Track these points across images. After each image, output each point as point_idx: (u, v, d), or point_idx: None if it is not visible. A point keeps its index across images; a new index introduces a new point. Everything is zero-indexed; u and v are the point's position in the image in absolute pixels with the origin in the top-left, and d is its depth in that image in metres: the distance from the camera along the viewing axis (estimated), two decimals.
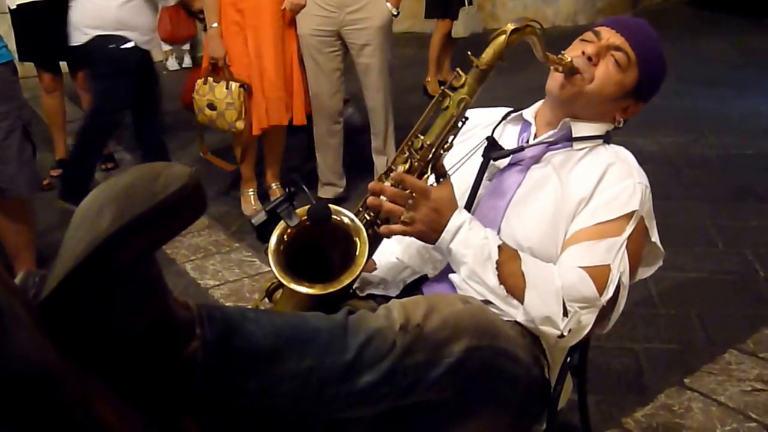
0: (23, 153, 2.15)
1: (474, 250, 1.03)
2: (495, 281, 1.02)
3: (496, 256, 1.02)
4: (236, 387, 0.81)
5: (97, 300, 0.72)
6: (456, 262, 1.06)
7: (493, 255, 1.02)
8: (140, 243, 0.71)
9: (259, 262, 2.56)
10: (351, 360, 0.85)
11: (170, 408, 0.80)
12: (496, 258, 1.02)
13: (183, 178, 0.71)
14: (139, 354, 0.76)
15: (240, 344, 0.81)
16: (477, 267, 1.03)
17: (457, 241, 1.04)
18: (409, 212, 1.05)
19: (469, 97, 1.07)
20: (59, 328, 0.71)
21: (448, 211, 1.05)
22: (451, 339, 0.90)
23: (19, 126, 2.14)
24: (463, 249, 1.04)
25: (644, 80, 1.17)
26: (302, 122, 2.83)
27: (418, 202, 1.04)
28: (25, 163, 2.16)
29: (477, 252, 1.03)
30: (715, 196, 2.94)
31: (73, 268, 0.69)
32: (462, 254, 1.04)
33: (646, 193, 1.14)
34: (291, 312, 1.02)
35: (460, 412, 0.96)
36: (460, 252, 1.04)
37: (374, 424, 0.96)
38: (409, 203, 1.05)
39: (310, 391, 0.84)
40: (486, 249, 1.03)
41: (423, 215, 1.04)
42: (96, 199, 0.71)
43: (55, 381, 0.68)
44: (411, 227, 1.05)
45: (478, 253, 1.03)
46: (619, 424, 1.70)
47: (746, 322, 2.07)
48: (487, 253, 1.03)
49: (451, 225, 1.04)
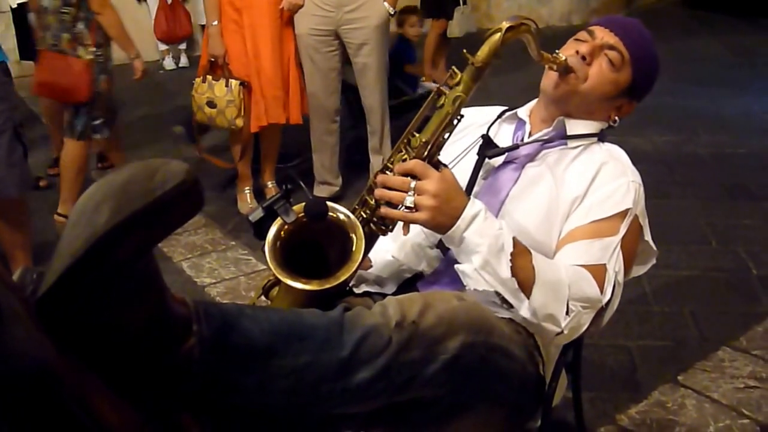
0: (13, 154, 2.15)
1: (489, 240, 1.01)
2: (508, 273, 1.00)
3: (511, 248, 1.01)
4: (233, 383, 0.81)
5: (95, 296, 0.72)
6: (468, 252, 1.03)
7: (507, 246, 1.01)
8: (138, 239, 0.71)
9: (254, 260, 2.56)
10: (347, 356, 0.85)
11: (168, 404, 0.80)
12: (510, 250, 1.01)
13: (180, 174, 0.71)
14: (136, 350, 0.76)
15: (237, 341, 0.81)
16: (491, 257, 1.01)
17: (472, 230, 1.02)
18: (420, 196, 1.01)
19: (464, 94, 1.07)
20: (57, 324, 0.71)
21: (458, 200, 1.03)
22: (446, 336, 0.90)
23: (9, 127, 2.14)
24: (478, 238, 1.01)
25: (638, 79, 1.18)
26: (298, 121, 2.84)
27: (426, 188, 1.01)
28: (14, 164, 2.16)
29: (492, 242, 1.01)
30: (709, 195, 2.96)
31: (70, 265, 0.69)
32: (476, 243, 1.01)
33: (640, 191, 1.15)
34: (287, 309, 1.03)
35: (455, 408, 0.96)
36: (474, 241, 1.01)
37: (370, 420, 0.97)
38: (412, 187, 1.02)
39: (307, 387, 0.84)
40: (501, 240, 1.01)
41: (433, 202, 1.01)
42: (93, 195, 0.71)
43: (53, 377, 0.68)
44: (423, 214, 1.02)
45: (493, 244, 1.01)
46: (613, 420, 1.71)
47: (739, 320, 2.09)
48: (501, 243, 1.01)
49: (467, 213, 1.02)
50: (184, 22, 5.65)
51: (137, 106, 4.68)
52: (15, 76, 5.41)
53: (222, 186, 3.18)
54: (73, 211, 0.72)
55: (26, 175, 2.26)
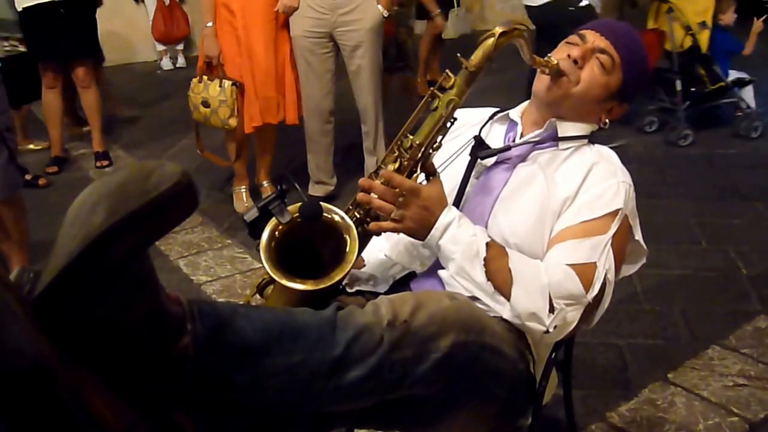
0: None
1: (462, 247, 1.05)
2: (482, 278, 1.04)
3: (484, 253, 1.04)
4: (226, 381, 0.82)
5: (91, 295, 0.73)
6: (444, 259, 1.07)
7: (481, 252, 1.04)
8: (133, 239, 0.72)
9: (250, 259, 2.57)
10: (339, 355, 0.86)
11: (162, 401, 0.81)
12: (483, 255, 1.04)
13: (175, 176, 0.72)
14: (131, 348, 0.77)
15: (230, 339, 0.82)
16: (465, 264, 1.04)
17: (446, 238, 1.06)
18: (399, 210, 1.06)
19: (458, 98, 1.09)
20: (53, 323, 0.72)
21: (437, 209, 1.07)
22: (437, 334, 0.91)
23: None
24: (451, 246, 1.05)
25: (628, 82, 1.20)
26: (294, 122, 2.85)
27: (408, 200, 1.06)
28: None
29: (465, 249, 1.04)
30: (699, 195, 2.98)
31: (67, 265, 0.70)
32: (450, 251, 1.05)
33: (630, 192, 1.17)
34: (281, 308, 1.04)
35: (446, 406, 0.97)
36: (448, 249, 1.06)
37: (362, 418, 0.98)
38: (400, 201, 1.06)
39: (299, 385, 0.85)
40: (474, 246, 1.05)
41: (413, 213, 1.06)
42: (89, 196, 0.72)
43: (49, 375, 0.68)
44: (401, 224, 1.07)
45: (466, 250, 1.04)
46: (603, 418, 1.72)
47: (729, 319, 2.11)
48: (475, 250, 1.04)
49: (441, 222, 1.06)
50: (181, 22, 5.66)
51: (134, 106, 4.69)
52: None
53: (218, 185, 3.18)
54: (69, 211, 0.73)
55: (12, 179, 2.25)
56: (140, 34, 5.79)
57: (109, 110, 4.18)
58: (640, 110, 3.70)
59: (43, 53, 3.36)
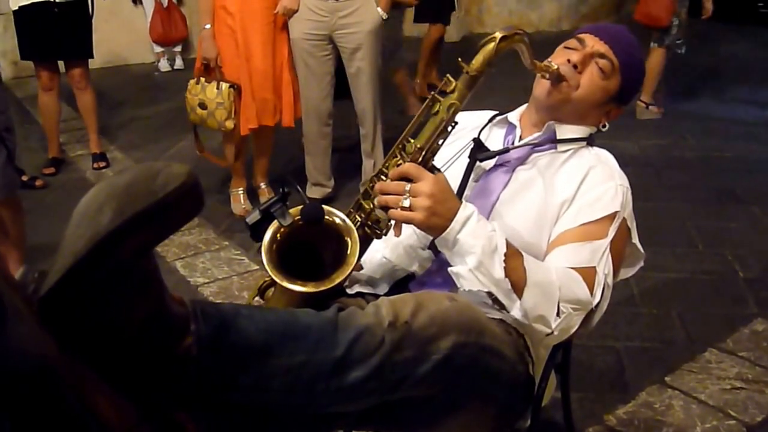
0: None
1: (483, 241, 1.03)
2: (501, 273, 1.02)
3: (504, 249, 1.03)
4: (229, 381, 0.82)
5: (96, 295, 0.73)
6: (462, 253, 1.04)
7: (500, 247, 1.03)
8: (139, 239, 0.72)
9: (247, 261, 2.57)
10: (341, 356, 0.86)
11: (165, 402, 0.81)
12: (503, 251, 1.03)
13: (182, 176, 0.73)
14: (135, 348, 0.77)
15: (233, 340, 0.82)
16: (485, 258, 1.02)
17: (466, 231, 1.03)
18: (415, 198, 1.03)
19: (458, 102, 1.09)
20: (58, 322, 0.72)
21: (451, 202, 1.05)
22: (438, 336, 0.92)
23: None
24: (472, 240, 1.03)
25: (626, 85, 1.21)
26: (290, 125, 2.86)
27: (420, 190, 1.03)
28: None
29: (486, 243, 1.02)
30: (696, 198, 2.99)
31: (73, 264, 0.70)
32: (470, 245, 1.03)
33: (627, 195, 1.18)
34: (283, 309, 1.04)
35: (446, 407, 0.98)
36: (468, 243, 1.03)
37: (363, 419, 0.98)
38: (410, 191, 1.03)
39: (301, 385, 0.85)
40: (494, 241, 1.03)
41: (428, 203, 1.03)
42: (96, 197, 0.73)
43: (54, 374, 0.69)
44: (417, 214, 1.03)
45: (486, 245, 1.02)
46: (601, 421, 1.73)
47: (726, 322, 2.12)
48: (494, 245, 1.03)
49: (461, 215, 1.04)
50: (179, 24, 5.67)
51: (132, 108, 4.68)
52: (13, 77, 5.40)
53: (216, 186, 3.18)
54: (75, 211, 0.74)
55: (11, 179, 2.25)
56: (138, 35, 5.79)
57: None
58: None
59: (38, 53, 3.33)
